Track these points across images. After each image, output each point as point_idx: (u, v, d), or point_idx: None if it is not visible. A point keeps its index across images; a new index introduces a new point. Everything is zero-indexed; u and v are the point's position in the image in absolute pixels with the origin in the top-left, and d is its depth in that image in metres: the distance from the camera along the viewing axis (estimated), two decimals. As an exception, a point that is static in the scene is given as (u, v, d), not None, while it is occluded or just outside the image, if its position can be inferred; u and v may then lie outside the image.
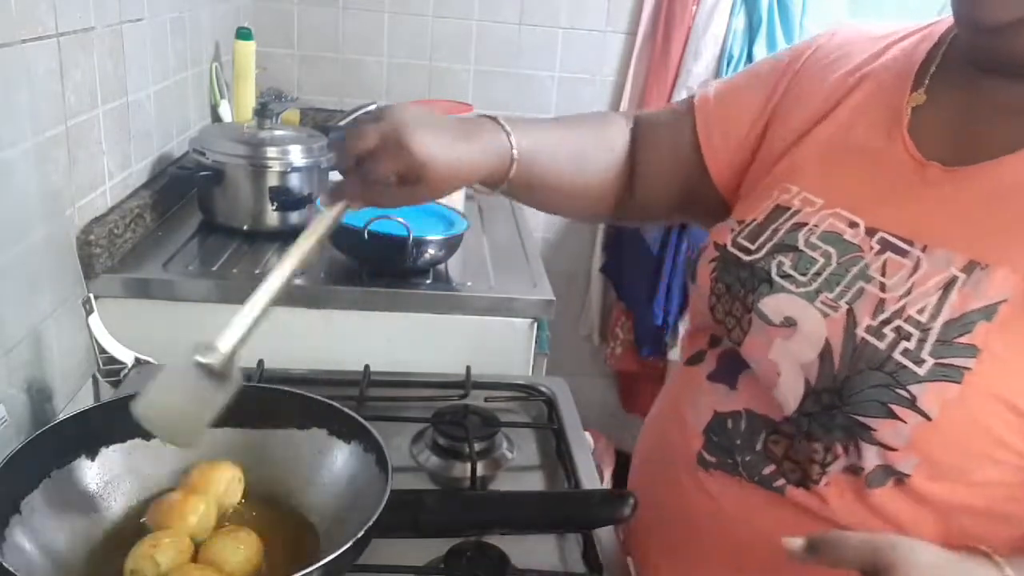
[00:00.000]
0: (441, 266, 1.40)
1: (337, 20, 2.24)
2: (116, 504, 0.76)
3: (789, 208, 0.72)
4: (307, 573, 0.60)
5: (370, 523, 0.64)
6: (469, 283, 1.37)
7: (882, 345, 0.61)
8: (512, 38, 2.29)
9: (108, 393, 1.11)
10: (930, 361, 0.59)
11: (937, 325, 0.60)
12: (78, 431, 0.76)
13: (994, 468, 0.61)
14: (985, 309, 0.59)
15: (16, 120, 0.94)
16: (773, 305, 0.68)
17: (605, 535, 0.84)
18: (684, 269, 2.14)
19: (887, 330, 0.61)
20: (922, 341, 0.60)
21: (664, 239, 2.12)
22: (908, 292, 0.62)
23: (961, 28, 0.67)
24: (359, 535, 0.63)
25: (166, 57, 1.50)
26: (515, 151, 0.73)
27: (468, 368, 1.10)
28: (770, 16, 2.23)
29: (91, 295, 1.08)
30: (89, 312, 1.06)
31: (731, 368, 0.74)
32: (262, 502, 0.78)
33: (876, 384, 0.61)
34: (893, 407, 0.60)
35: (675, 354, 2.19)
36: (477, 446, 0.93)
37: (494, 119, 0.74)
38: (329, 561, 0.62)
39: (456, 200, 1.63)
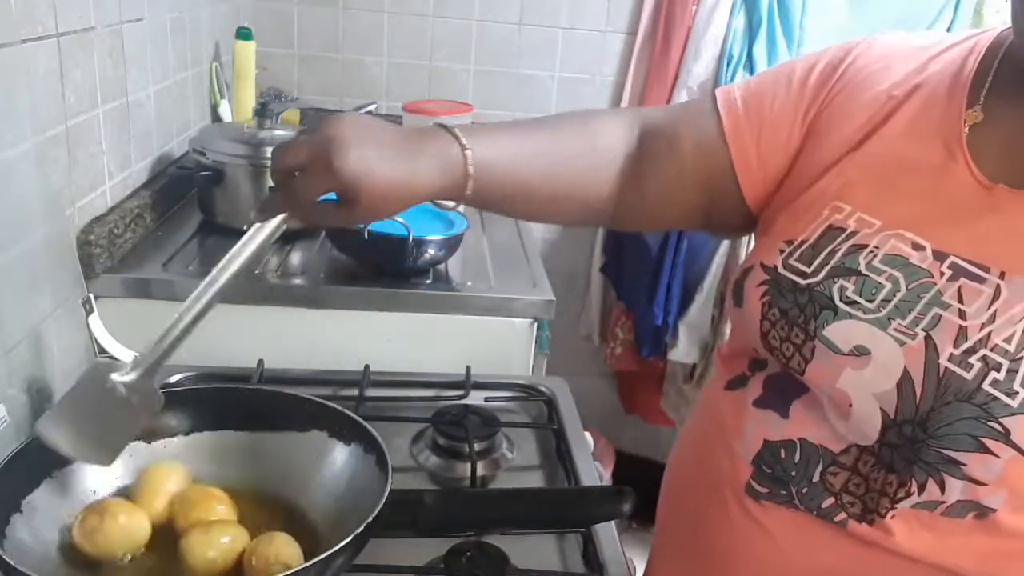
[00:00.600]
0: (441, 266, 1.40)
1: (337, 20, 2.24)
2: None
3: (844, 229, 0.67)
4: (306, 567, 0.61)
5: (370, 519, 0.64)
6: (469, 283, 1.37)
7: (969, 376, 0.59)
8: (512, 38, 2.29)
9: (108, 393, 1.10)
10: (1023, 392, 0.58)
11: None
12: None
13: None
14: None
15: (16, 120, 0.94)
16: (840, 332, 0.64)
17: (605, 535, 0.84)
18: (685, 271, 2.14)
19: (973, 359, 0.59)
20: (1013, 372, 0.58)
21: (664, 239, 2.12)
22: (992, 320, 0.60)
23: (1021, 38, 0.64)
24: (358, 531, 0.63)
25: (166, 57, 1.50)
26: (470, 166, 0.67)
27: (468, 368, 1.10)
28: (770, 16, 2.23)
29: (91, 295, 1.08)
30: (89, 312, 1.06)
31: (781, 394, 0.70)
32: (263, 503, 0.79)
33: (966, 416, 0.59)
34: (985, 440, 0.58)
35: (675, 355, 2.19)
36: (477, 446, 0.93)
37: (448, 129, 0.69)
38: (328, 556, 0.62)
39: (456, 200, 1.63)
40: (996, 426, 0.58)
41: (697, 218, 0.82)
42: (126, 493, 0.76)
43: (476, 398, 1.05)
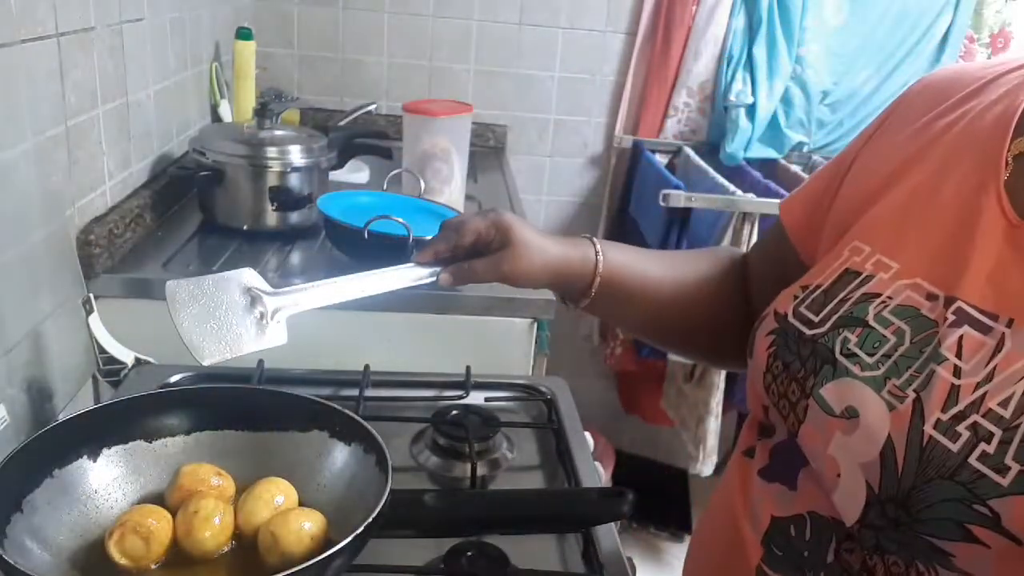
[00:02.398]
0: (441, 266, 1.39)
1: (337, 20, 2.24)
2: (118, 504, 0.76)
3: (860, 273, 0.61)
4: (306, 567, 0.61)
5: (369, 520, 0.64)
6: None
7: (955, 447, 0.50)
8: (512, 38, 2.29)
9: (108, 393, 1.11)
10: (1015, 468, 0.47)
11: None
12: (80, 431, 0.76)
13: None
14: None
15: (16, 120, 0.94)
16: (835, 392, 0.57)
17: (605, 535, 0.84)
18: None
19: (961, 427, 0.50)
20: (1005, 443, 0.48)
21: (664, 239, 2.12)
22: (989, 378, 0.51)
23: None
24: (358, 531, 0.63)
25: (166, 57, 1.50)
26: (599, 256, 0.76)
27: (468, 368, 1.10)
28: (770, 16, 2.23)
29: (91, 295, 1.08)
30: (89, 312, 1.06)
31: (788, 464, 0.63)
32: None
33: (950, 497, 0.49)
34: (972, 528, 0.48)
35: (675, 355, 2.19)
36: (477, 446, 0.93)
37: (588, 237, 0.79)
38: (327, 556, 0.62)
39: (456, 200, 1.63)
40: (984, 510, 0.48)
41: None
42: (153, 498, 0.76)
43: (476, 398, 1.05)
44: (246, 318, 0.69)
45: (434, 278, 0.77)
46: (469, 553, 0.77)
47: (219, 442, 0.79)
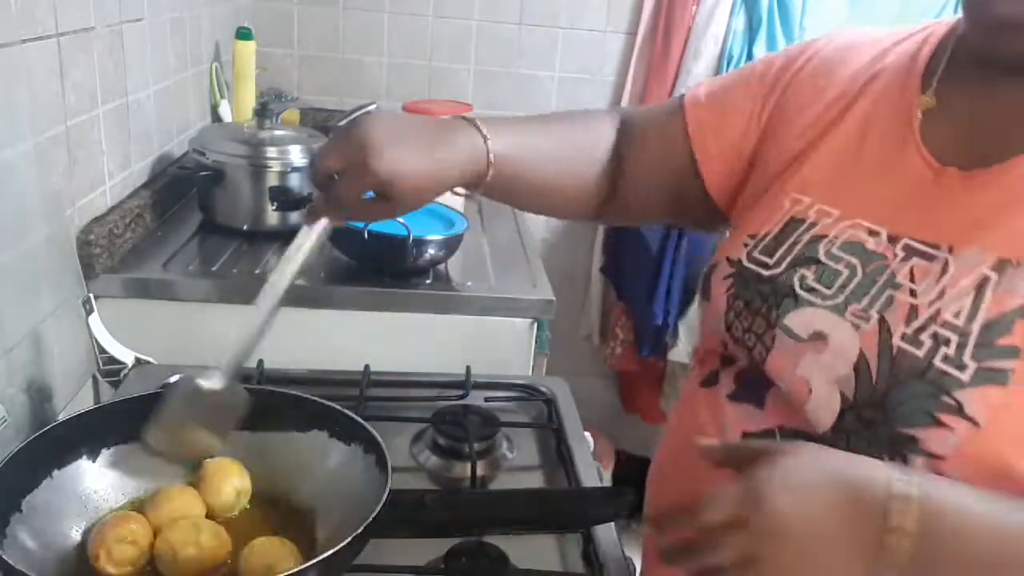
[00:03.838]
0: (441, 266, 1.40)
1: (337, 20, 2.24)
2: (117, 504, 0.76)
3: (804, 220, 0.70)
4: (305, 568, 0.61)
5: (369, 520, 0.64)
6: (469, 283, 1.37)
7: (920, 353, 0.60)
8: (512, 38, 2.29)
9: (108, 393, 1.11)
10: (972, 365, 0.58)
11: (975, 328, 0.59)
12: (80, 432, 0.76)
13: None
14: (1023, 308, 0.58)
15: (16, 120, 0.94)
16: (800, 320, 0.66)
17: (605, 535, 0.84)
18: (686, 271, 2.14)
19: (924, 337, 0.60)
20: (962, 346, 0.58)
21: (664, 239, 2.12)
22: (940, 295, 0.61)
23: (974, 26, 0.65)
24: (358, 531, 0.63)
25: (166, 57, 1.50)
26: (491, 155, 0.72)
27: (468, 368, 1.10)
28: (770, 16, 2.23)
29: (91, 295, 1.08)
30: (89, 312, 1.06)
31: (755, 387, 0.71)
32: (264, 502, 0.79)
33: (920, 394, 0.59)
34: (940, 416, 0.58)
35: (675, 354, 2.19)
36: (477, 446, 0.93)
37: (470, 121, 0.73)
38: (327, 557, 0.62)
39: (456, 200, 1.63)
40: (950, 400, 0.58)
41: (667, 211, 0.88)
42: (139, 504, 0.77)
43: (476, 398, 1.05)
44: (214, 412, 0.73)
45: (329, 228, 0.71)
46: (469, 553, 0.77)
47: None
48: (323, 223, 0.70)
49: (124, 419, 0.77)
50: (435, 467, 0.95)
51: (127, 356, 1.09)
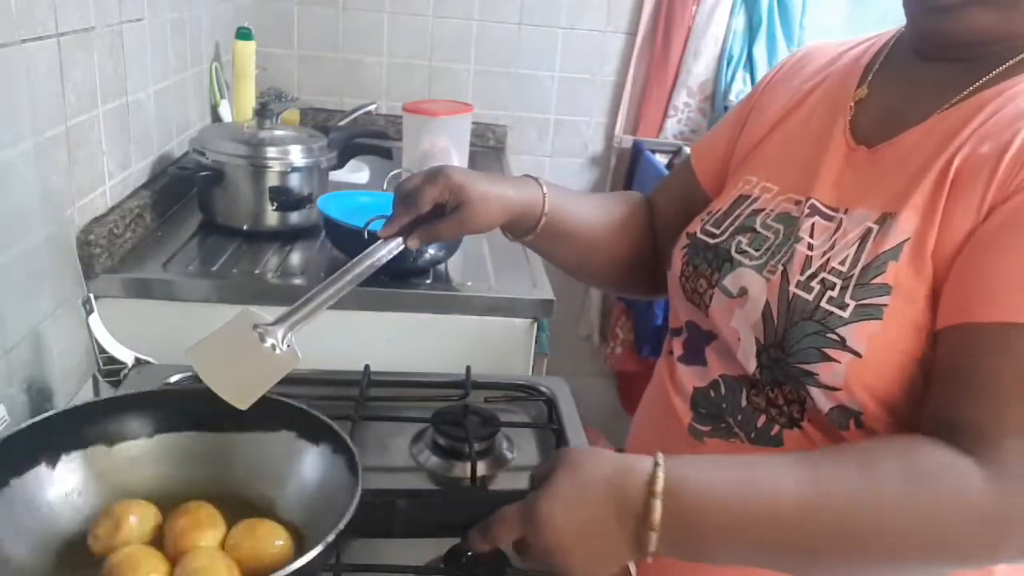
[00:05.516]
0: (441, 266, 1.40)
1: (337, 20, 2.24)
2: (77, 512, 0.72)
3: (750, 196, 0.81)
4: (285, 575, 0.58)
5: (340, 526, 0.62)
6: (469, 283, 1.37)
7: (810, 297, 0.69)
8: (512, 38, 2.29)
9: (108, 393, 1.11)
10: (852, 304, 0.66)
11: (856, 271, 0.67)
12: (37, 438, 0.72)
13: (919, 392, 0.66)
14: (893, 250, 0.66)
15: (16, 120, 0.94)
16: (732, 279, 0.77)
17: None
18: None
19: (814, 283, 0.69)
20: (844, 288, 0.67)
21: (664, 239, 2.12)
22: (831, 247, 0.70)
23: (914, 12, 0.74)
24: (329, 539, 0.61)
25: (166, 57, 1.50)
26: (546, 198, 0.84)
27: (468, 368, 1.10)
28: (770, 16, 2.24)
29: (91, 295, 1.08)
30: (89, 312, 1.06)
31: (696, 348, 0.82)
32: (234, 506, 0.74)
33: (810, 332, 0.68)
34: (827, 351, 0.67)
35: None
36: (477, 446, 0.93)
37: (533, 177, 0.86)
38: (297, 569, 0.59)
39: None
40: (834, 336, 0.66)
41: None
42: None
43: (476, 398, 1.05)
44: (262, 355, 0.72)
45: (402, 246, 0.81)
46: (469, 553, 0.77)
47: (183, 444, 0.77)
48: (397, 241, 0.79)
49: (83, 424, 0.74)
50: (435, 467, 0.95)
51: (127, 356, 1.09)
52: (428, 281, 1.35)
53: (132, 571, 0.64)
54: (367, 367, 1.08)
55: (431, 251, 1.32)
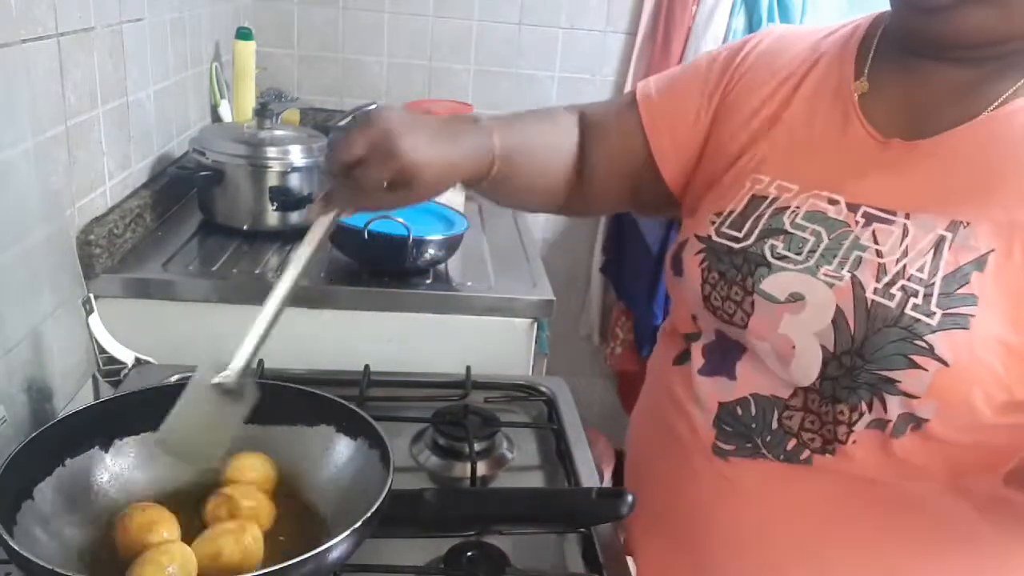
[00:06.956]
0: (441, 266, 1.40)
1: (337, 20, 2.24)
2: (128, 495, 0.76)
3: (767, 196, 0.76)
4: (304, 559, 0.61)
5: (368, 514, 0.65)
6: (469, 283, 1.37)
7: (892, 304, 0.66)
8: (512, 38, 2.29)
9: (108, 393, 1.10)
10: (939, 312, 0.65)
11: (938, 280, 0.66)
12: (93, 422, 0.77)
13: (992, 405, 0.66)
14: (976, 261, 0.65)
15: (16, 120, 0.94)
16: (776, 284, 0.72)
17: (605, 534, 0.84)
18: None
19: (894, 290, 0.67)
20: (928, 296, 0.65)
21: (664, 239, 2.12)
22: (905, 254, 0.68)
23: (899, 10, 0.72)
24: (356, 525, 0.64)
25: (166, 57, 1.50)
26: (496, 151, 0.77)
27: (468, 368, 1.10)
28: (770, 16, 2.23)
29: (91, 295, 1.08)
30: (89, 312, 1.06)
31: (723, 359, 0.78)
32: (272, 495, 0.78)
33: (895, 339, 0.66)
34: (914, 358, 0.65)
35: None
36: (477, 446, 0.93)
37: (475, 119, 0.78)
38: (324, 549, 0.62)
39: (456, 200, 1.63)
40: (922, 344, 0.65)
41: (625, 200, 0.93)
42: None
43: (476, 398, 1.05)
44: (225, 408, 0.71)
45: (341, 217, 0.72)
46: (469, 553, 0.77)
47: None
48: (334, 213, 0.70)
49: (137, 411, 0.78)
50: (435, 467, 0.95)
51: (127, 356, 1.09)
52: (428, 281, 1.35)
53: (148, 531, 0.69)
54: (367, 367, 1.08)
55: (431, 251, 1.32)
